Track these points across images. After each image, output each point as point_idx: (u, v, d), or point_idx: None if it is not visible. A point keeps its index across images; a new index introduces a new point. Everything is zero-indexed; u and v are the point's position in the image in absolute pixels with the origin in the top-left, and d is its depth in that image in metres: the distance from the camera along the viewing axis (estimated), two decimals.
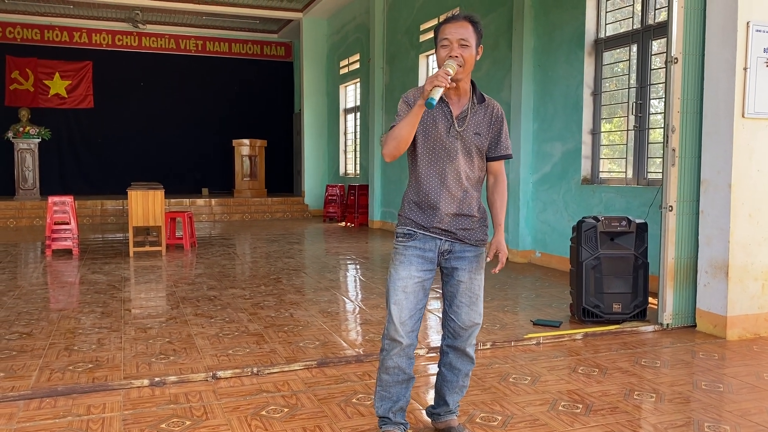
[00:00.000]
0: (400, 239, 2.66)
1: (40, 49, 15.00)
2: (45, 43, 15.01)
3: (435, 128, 2.57)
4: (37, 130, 13.60)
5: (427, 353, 4.06)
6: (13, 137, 13.43)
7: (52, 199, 8.40)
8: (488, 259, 2.69)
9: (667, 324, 4.71)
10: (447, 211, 2.59)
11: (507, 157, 2.71)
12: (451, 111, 2.58)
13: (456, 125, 2.57)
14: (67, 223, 8.48)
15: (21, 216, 12.68)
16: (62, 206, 8.41)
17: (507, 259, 2.79)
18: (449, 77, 2.38)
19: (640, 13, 6.41)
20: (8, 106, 14.67)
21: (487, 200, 2.78)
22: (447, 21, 2.54)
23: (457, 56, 2.47)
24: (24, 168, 13.49)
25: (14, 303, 5.50)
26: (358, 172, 13.80)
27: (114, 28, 15.47)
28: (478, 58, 2.58)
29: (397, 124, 2.50)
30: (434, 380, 2.91)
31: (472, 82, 2.63)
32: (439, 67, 2.49)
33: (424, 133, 2.58)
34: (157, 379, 3.49)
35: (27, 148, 13.48)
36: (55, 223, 8.46)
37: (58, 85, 15.23)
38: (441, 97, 2.56)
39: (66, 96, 15.30)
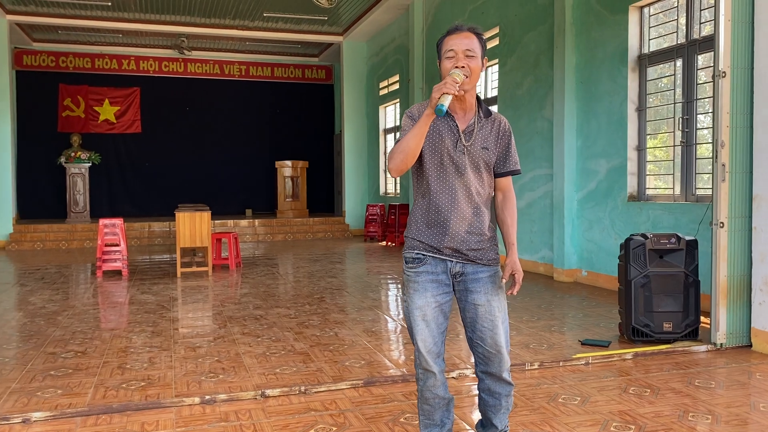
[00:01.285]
0: (410, 265, 2.56)
1: (90, 77, 15.55)
2: (95, 70, 15.56)
3: (442, 143, 2.50)
4: (88, 155, 14.07)
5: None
6: (65, 162, 13.92)
7: (102, 221, 8.66)
8: (504, 281, 2.56)
9: (721, 344, 4.58)
10: (458, 229, 2.49)
11: (515, 172, 2.62)
12: (457, 125, 2.51)
13: (463, 139, 2.50)
14: (117, 245, 8.72)
15: (72, 238, 13.08)
16: (112, 228, 8.66)
17: (547, 277, 2.72)
18: (457, 85, 2.33)
19: (684, 28, 6.33)
20: (61, 132, 15.22)
21: (497, 218, 2.67)
22: (451, 32, 2.50)
23: (463, 66, 2.42)
24: (75, 192, 13.94)
25: (69, 322, 5.66)
26: (398, 191, 13.86)
27: (161, 55, 15.96)
28: (483, 70, 2.54)
29: (404, 137, 2.43)
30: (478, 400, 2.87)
31: (477, 97, 2.58)
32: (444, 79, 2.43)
33: (431, 149, 2.51)
34: (207, 397, 3.54)
35: (78, 172, 13.94)
36: (106, 245, 8.70)
37: (107, 111, 15.75)
38: (447, 112, 2.50)
39: (115, 121, 15.80)
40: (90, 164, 14.11)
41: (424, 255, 2.54)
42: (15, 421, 3.24)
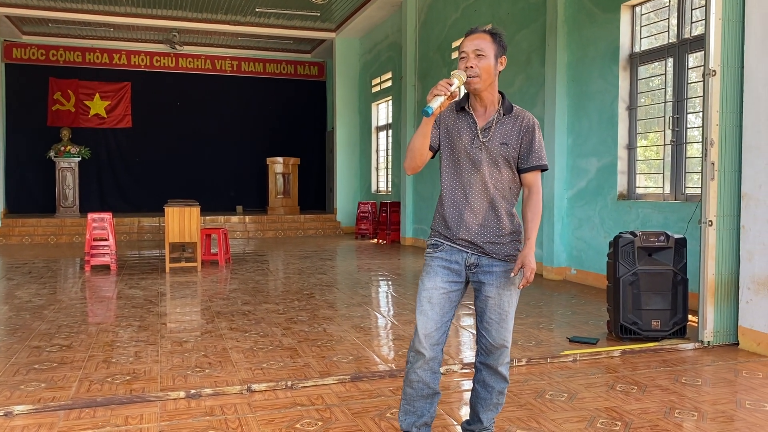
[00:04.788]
0: (429, 250, 2.67)
1: (81, 71, 15.44)
2: (86, 65, 15.45)
3: (460, 140, 2.56)
4: (78, 150, 13.97)
5: (461, 369, 4.02)
6: (54, 156, 13.81)
7: (91, 216, 8.60)
8: (513, 274, 2.56)
9: (708, 342, 4.59)
10: (470, 222, 2.56)
11: (540, 168, 2.60)
12: (476, 122, 2.56)
13: (480, 136, 2.54)
14: (106, 240, 8.66)
15: (61, 233, 12.99)
16: (101, 223, 8.60)
17: (536, 275, 2.71)
18: (451, 86, 2.36)
19: (675, 27, 6.34)
20: (50, 126, 15.10)
21: (522, 213, 2.70)
22: (467, 34, 2.55)
23: (472, 66, 2.46)
24: (65, 186, 13.84)
25: (55, 316, 5.62)
26: (389, 189, 13.84)
27: (152, 50, 15.86)
28: (501, 68, 2.55)
29: (411, 137, 2.54)
30: (468, 396, 2.87)
31: (502, 93, 2.60)
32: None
33: (450, 146, 2.59)
34: (192, 391, 3.52)
35: (68, 166, 13.84)
36: (94, 240, 8.64)
37: (98, 106, 15.64)
38: (465, 109, 2.57)
39: (105, 116, 15.69)
40: (80, 159, 14.01)
41: (441, 242, 2.63)
42: None
